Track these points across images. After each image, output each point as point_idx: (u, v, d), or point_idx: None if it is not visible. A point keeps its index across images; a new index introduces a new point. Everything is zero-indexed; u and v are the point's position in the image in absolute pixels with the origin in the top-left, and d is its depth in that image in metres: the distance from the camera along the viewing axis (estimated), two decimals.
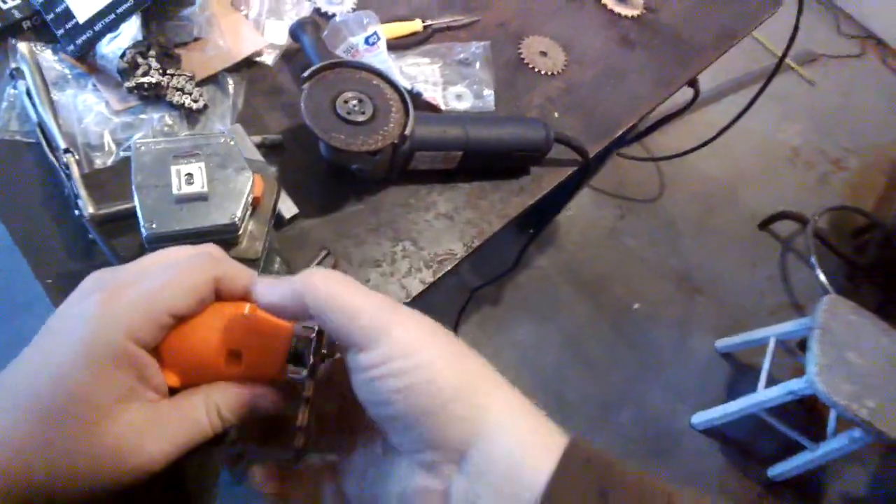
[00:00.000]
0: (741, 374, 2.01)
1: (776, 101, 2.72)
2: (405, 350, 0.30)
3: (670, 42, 1.01)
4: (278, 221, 0.70)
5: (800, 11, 1.23)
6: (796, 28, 1.26)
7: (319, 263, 0.67)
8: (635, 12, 1.02)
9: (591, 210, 2.24)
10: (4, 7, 0.72)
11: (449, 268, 0.73)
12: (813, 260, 2.20)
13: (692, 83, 1.09)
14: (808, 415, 1.89)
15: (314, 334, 0.35)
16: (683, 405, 1.92)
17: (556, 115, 0.87)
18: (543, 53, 0.91)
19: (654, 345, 2.02)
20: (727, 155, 2.48)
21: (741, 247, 2.31)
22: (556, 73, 0.90)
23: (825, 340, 1.56)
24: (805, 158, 2.64)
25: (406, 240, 0.73)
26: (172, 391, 0.34)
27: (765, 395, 1.68)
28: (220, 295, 0.35)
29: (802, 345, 1.85)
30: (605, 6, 1.02)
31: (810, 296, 2.19)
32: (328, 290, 0.32)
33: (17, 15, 0.72)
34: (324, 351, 0.36)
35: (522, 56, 0.90)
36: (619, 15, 1.01)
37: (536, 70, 0.89)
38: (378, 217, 0.74)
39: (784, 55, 1.32)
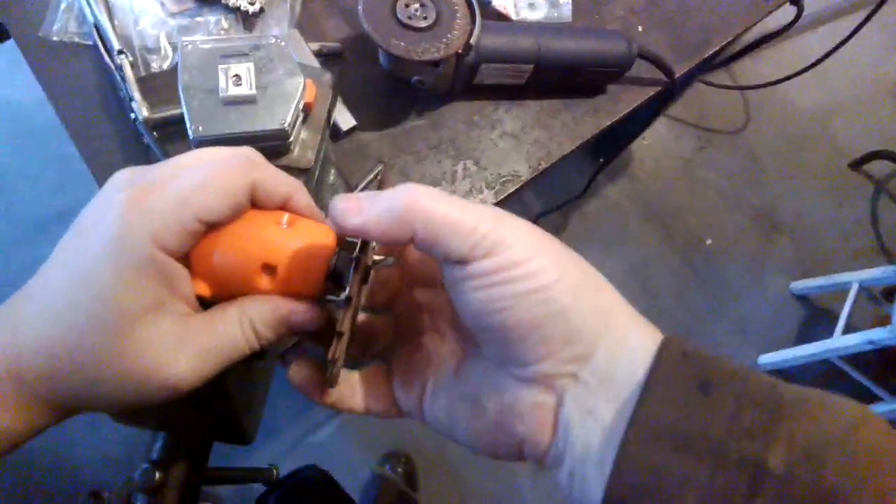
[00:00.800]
0: (815, 319, 1.91)
1: (883, 29, 2.45)
2: (525, 257, 0.28)
3: None
4: (335, 133, 0.67)
5: None
6: None
7: (374, 178, 0.65)
8: None
9: (668, 139, 2.11)
10: None
11: (512, 189, 0.69)
12: None
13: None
14: (885, 368, 1.79)
15: (356, 254, 0.32)
16: (751, 345, 1.85)
17: (639, 29, 0.79)
18: None
19: (725, 281, 1.93)
20: (823, 86, 2.28)
21: (829, 185, 2.14)
22: None
23: None
24: None
25: (468, 158, 0.69)
26: (204, 303, 0.32)
27: (842, 341, 1.58)
28: (257, 203, 0.32)
29: (889, 293, 1.73)
30: None
31: None
32: (435, 207, 0.28)
33: None
34: (370, 264, 0.33)
35: None
36: None
37: None
38: (440, 133, 0.70)
39: None
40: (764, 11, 0.85)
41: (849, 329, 1.63)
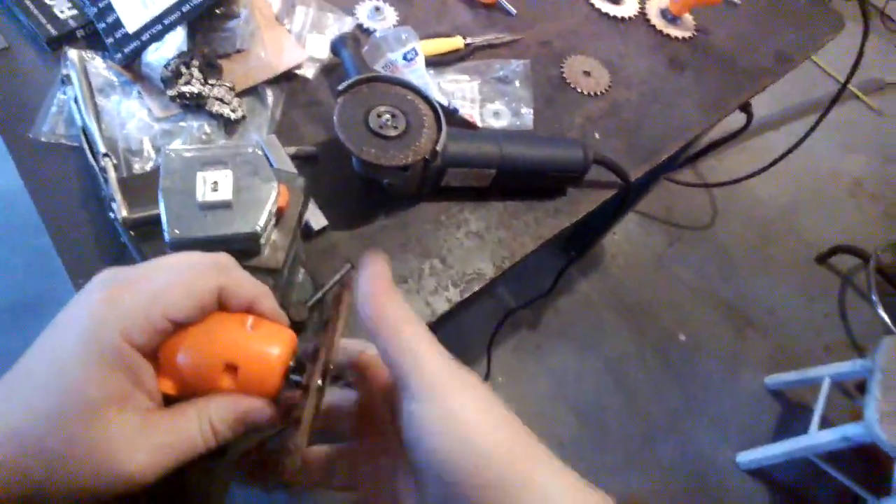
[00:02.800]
0: (792, 414, 1.91)
1: (840, 129, 2.62)
2: (463, 411, 0.31)
3: (722, 65, 0.98)
4: (307, 233, 0.70)
5: (865, 35, 1.18)
6: (860, 53, 1.21)
7: (340, 279, 0.67)
8: (686, 34, 0.99)
9: (638, 236, 2.18)
10: (61, 17, 0.75)
11: (477, 288, 0.71)
12: (874, 297, 2.08)
13: (745, 108, 1.05)
14: (867, 464, 1.76)
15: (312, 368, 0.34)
16: (729, 443, 1.84)
17: (597, 136, 0.85)
18: (587, 73, 0.89)
19: (700, 378, 1.94)
20: (785, 184, 2.39)
21: (797, 280, 2.21)
22: (599, 93, 0.88)
23: (888, 384, 1.46)
24: (869, 191, 2.51)
25: (435, 257, 0.72)
26: (168, 400, 0.33)
27: (817, 438, 1.59)
28: (224, 305, 0.35)
29: (861, 387, 1.75)
30: (654, 27, 0.99)
31: (870, 335, 2.08)
32: (404, 338, 0.32)
33: (73, 24, 0.75)
34: (329, 368, 0.35)
35: (564, 75, 0.89)
36: (669, 36, 0.99)
37: (579, 90, 0.88)
38: (407, 233, 0.73)
39: (847, 81, 1.27)
40: (714, 119, 0.91)
41: (825, 424, 1.63)
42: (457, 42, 0.87)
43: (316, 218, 0.70)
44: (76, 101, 0.69)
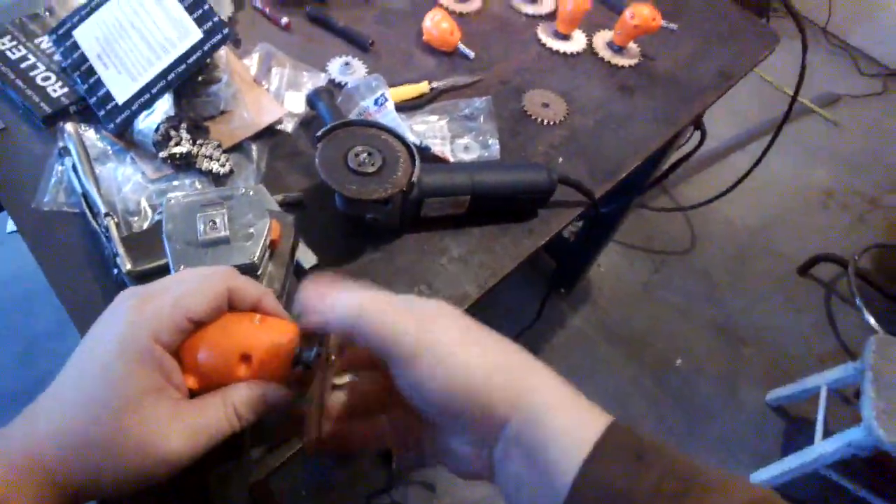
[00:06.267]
0: (797, 427, 1.92)
1: (802, 144, 2.74)
2: (445, 357, 0.36)
3: (669, 86, 1.05)
4: (298, 271, 0.74)
5: (804, 50, 1.27)
6: (803, 67, 1.30)
7: None
8: (632, 61, 1.08)
9: (622, 266, 2.24)
10: (54, 95, 0.81)
11: (464, 308, 0.75)
12: (859, 302, 2.13)
13: (698, 125, 1.12)
14: (881, 472, 1.76)
15: (314, 352, 0.40)
16: (738, 463, 1.83)
17: (560, 160, 0.91)
18: (545, 105, 0.96)
19: (701, 400, 1.96)
20: (758, 202, 2.48)
21: (782, 294, 2.26)
22: (558, 122, 0.95)
23: (879, 382, 1.47)
24: (839, 200, 2.60)
25: (422, 283, 0.77)
26: (191, 394, 0.38)
27: (823, 447, 1.56)
28: (234, 306, 0.40)
29: (858, 393, 1.77)
30: (601, 59, 1.07)
31: (860, 340, 2.09)
32: (375, 320, 0.37)
33: (65, 101, 0.81)
34: (329, 353, 0.40)
35: (525, 108, 0.96)
36: (617, 66, 1.07)
37: (539, 120, 0.94)
38: (394, 264, 0.78)
39: (795, 94, 1.36)
40: (666, 135, 0.98)
41: (828, 434, 1.61)
42: (423, 87, 0.94)
43: (306, 256, 0.74)
44: (75, 169, 0.74)
